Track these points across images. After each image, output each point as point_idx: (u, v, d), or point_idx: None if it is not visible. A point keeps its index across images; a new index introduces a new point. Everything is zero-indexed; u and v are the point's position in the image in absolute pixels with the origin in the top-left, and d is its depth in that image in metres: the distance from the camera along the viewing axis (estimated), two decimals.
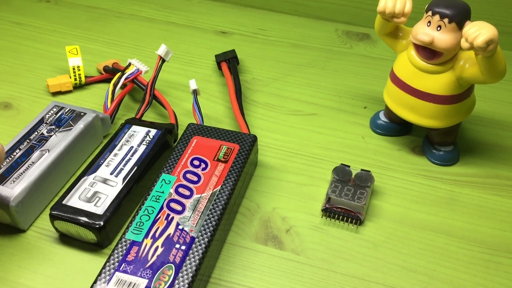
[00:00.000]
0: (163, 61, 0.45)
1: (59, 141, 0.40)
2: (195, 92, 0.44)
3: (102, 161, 0.39)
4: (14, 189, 0.36)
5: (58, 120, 0.42)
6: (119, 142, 0.41)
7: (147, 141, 0.41)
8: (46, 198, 0.39)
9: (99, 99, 0.49)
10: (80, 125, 0.41)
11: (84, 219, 0.35)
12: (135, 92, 0.50)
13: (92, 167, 0.39)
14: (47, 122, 0.42)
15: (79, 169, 0.42)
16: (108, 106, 0.45)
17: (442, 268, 0.36)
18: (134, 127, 0.42)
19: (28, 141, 0.40)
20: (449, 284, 0.35)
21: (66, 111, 0.43)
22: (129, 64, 0.48)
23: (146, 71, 0.48)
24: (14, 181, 0.37)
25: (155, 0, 0.64)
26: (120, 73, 0.47)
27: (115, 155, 0.40)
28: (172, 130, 0.43)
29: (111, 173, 0.38)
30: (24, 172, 0.37)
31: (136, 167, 0.39)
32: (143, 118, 0.44)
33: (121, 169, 0.38)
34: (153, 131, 0.42)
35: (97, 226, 0.35)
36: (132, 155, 0.40)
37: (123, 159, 0.39)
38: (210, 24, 0.61)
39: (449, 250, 0.37)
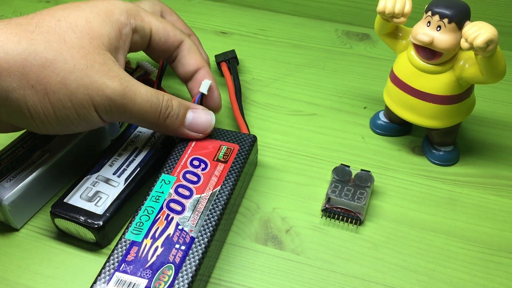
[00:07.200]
0: (166, 65, 0.44)
1: (62, 143, 0.40)
2: (201, 95, 0.43)
3: (106, 161, 0.39)
4: (9, 188, 0.36)
5: None
6: (125, 142, 0.40)
7: (152, 143, 0.41)
8: (43, 199, 0.39)
9: None
10: None
11: (84, 218, 0.35)
12: None
13: (95, 166, 0.38)
14: None
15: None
16: None
17: (442, 268, 0.36)
18: (141, 128, 0.42)
19: (32, 139, 0.40)
20: (449, 284, 0.35)
21: None
22: (138, 67, 0.47)
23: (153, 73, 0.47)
24: (10, 180, 0.37)
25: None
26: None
27: (120, 155, 0.39)
28: None
29: (114, 173, 0.38)
30: (22, 171, 0.37)
31: (139, 168, 0.38)
32: None
33: (124, 170, 0.38)
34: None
35: (96, 226, 0.35)
36: (136, 156, 0.39)
37: (127, 159, 0.39)
38: (210, 24, 0.61)
39: (449, 250, 0.37)
